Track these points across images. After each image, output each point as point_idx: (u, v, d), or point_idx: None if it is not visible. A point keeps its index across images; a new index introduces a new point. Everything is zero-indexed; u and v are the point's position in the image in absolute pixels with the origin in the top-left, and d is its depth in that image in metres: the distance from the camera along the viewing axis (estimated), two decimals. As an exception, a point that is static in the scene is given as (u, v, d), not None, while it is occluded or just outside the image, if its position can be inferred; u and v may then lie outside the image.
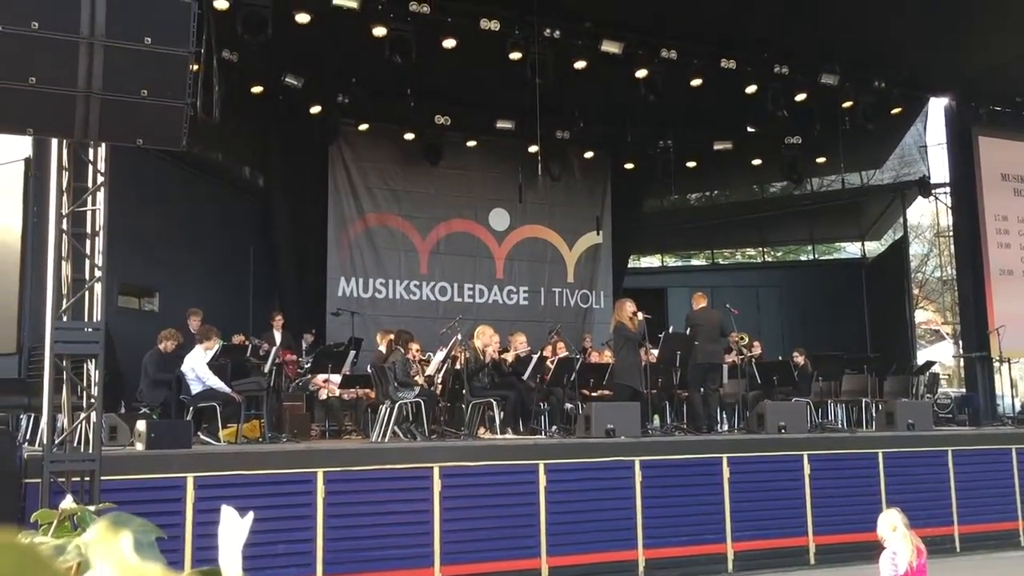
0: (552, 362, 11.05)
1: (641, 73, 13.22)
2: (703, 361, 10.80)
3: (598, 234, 17.50)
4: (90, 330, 6.65)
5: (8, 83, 5.82)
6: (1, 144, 10.65)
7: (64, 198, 6.69)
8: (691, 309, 11.39)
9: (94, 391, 6.65)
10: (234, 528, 0.93)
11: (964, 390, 16.70)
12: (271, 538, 7.11)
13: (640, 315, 10.47)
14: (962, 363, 17.82)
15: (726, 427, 11.87)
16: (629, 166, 17.49)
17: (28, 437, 9.19)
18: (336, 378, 11.24)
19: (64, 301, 6.62)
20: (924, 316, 30.08)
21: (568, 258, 17.30)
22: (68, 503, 1.42)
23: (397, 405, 9.39)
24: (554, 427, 10.75)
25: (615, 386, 10.67)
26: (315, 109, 14.49)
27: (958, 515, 10.13)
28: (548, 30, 12.47)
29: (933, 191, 18.07)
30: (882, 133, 15.84)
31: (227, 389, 9.27)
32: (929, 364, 15.08)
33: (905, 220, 19.32)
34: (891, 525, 5.30)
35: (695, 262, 22.81)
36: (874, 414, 11.99)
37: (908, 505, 5.65)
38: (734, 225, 20.75)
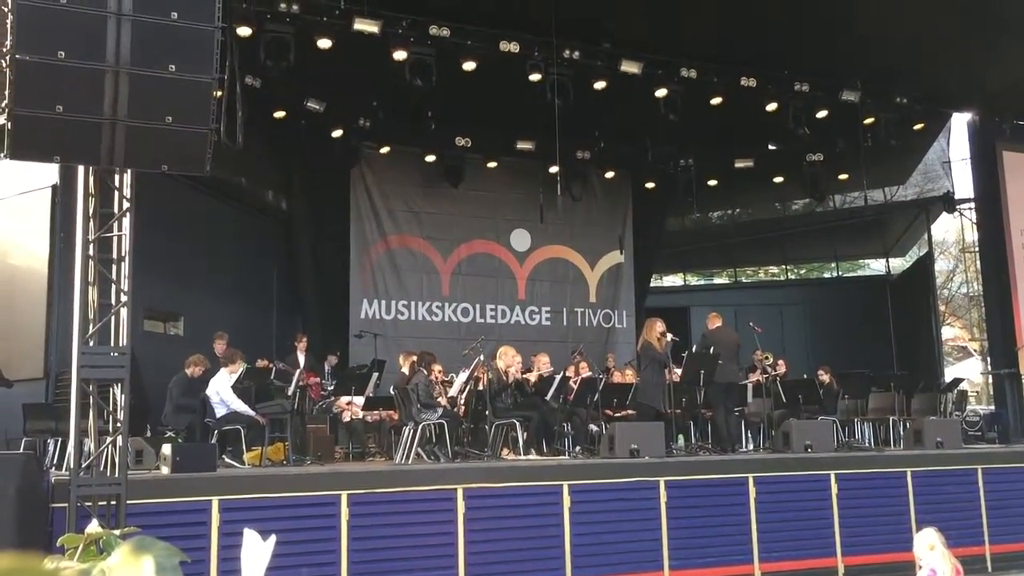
0: (575, 382, 11.02)
1: (661, 92, 13.23)
2: (720, 380, 10.74)
3: (620, 254, 17.48)
4: (116, 355, 6.70)
5: (35, 111, 5.91)
6: (28, 171, 10.82)
7: (90, 224, 6.77)
8: (706, 328, 11.35)
9: (120, 415, 6.69)
10: (257, 551, 0.93)
11: (993, 407, 16.49)
12: (296, 561, 7.11)
13: (669, 336, 10.45)
14: (990, 380, 17.60)
15: (751, 446, 11.77)
16: (650, 185, 17.47)
17: (55, 461, 9.28)
18: (359, 400, 11.26)
19: (90, 326, 6.69)
20: (951, 333, 29.77)
21: (590, 278, 17.28)
22: (94, 527, 1.43)
23: (420, 427, 9.39)
24: (578, 447, 10.70)
25: (638, 406, 10.63)
26: (337, 133, 14.61)
27: (989, 534, 9.97)
28: (567, 51, 12.53)
29: (958, 207, 17.92)
30: (905, 149, 15.75)
31: (251, 412, 9.31)
32: (957, 381, 14.92)
33: (930, 236, 19.18)
34: (929, 544, 5.24)
35: (718, 280, 22.73)
36: (902, 432, 11.85)
37: (938, 524, 5.56)
38: (757, 243, 20.66)
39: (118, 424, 6.69)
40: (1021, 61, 13.70)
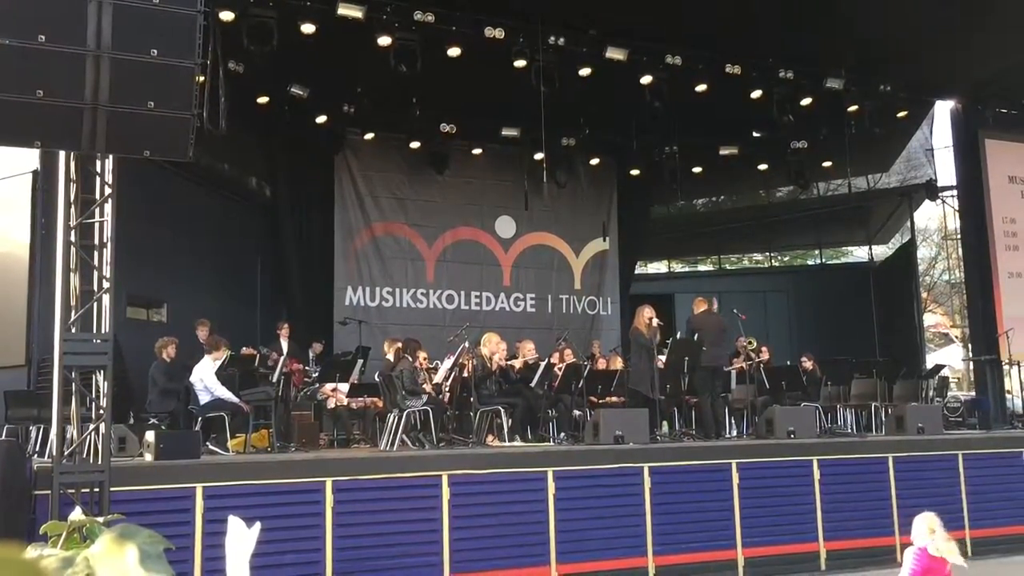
0: (560, 369, 11.04)
1: (646, 79, 13.22)
2: (707, 365, 10.79)
3: (605, 241, 17.51)
4: (98, 341, 6.67)
5: (15, 96, 5.85)
6: (9, 157, 10.72)
7: (72, 210, 6.71)
8: (692, 313, 11.40)
9: (103, 402, 6.66)
10: (241, 538, 0.93)
11: (974, 393, 16.63)
12: (280, 548, 7.11)
13: (655, 321, 10.49)
14: (971, 366, 17.75)
15: (735, 433, 11.83)
16: (635, 172, 17.48)
17: (38, 449, 9.23)
18: (344, 387, 11.24)
19: (72, 313, 6.64)
20: (933, 319, 29.97)
21: (575, 265, 17.30)
22: (77, 515, 1.43)
23: (405, 413, 9.39)
24: (562, 434, 10.73)
25: (628, 392, 10.66)
26: (321, 119, 14.54)
27: (969, 519, 10.06)
28: (553, 37, 12.49)
29: (940, 194, 18.03)
30: (888, 137, 15.82)
31: (235, 399, 9.28)
32: (938, 368, 15.03)
33: (912, 223, 19.29)
34: (929, 528, 5.30)
35: (702, 268, 22.79)
36: (884, 418, 11.94)
37: (919, 510, 5.60)
38: (741, 230, 20.72)
39: (101, 411, 6.66)
40: (1004, 49, 13.77)
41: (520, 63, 12.51)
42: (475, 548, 7.97)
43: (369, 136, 15.56)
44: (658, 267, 22.37)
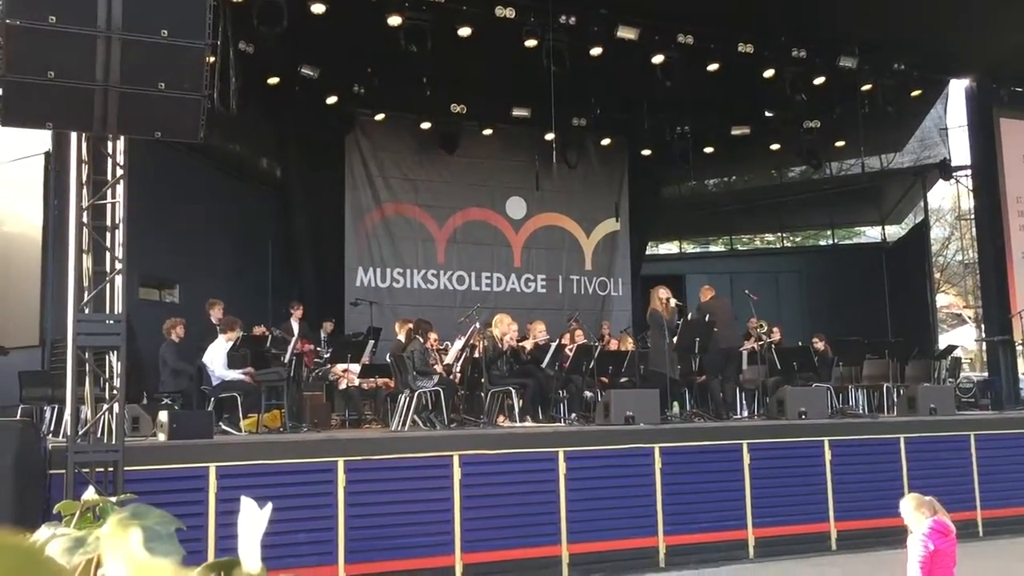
0: (571, 350, 11.05)
1: (658, 59, 13.14)
2: (722, 347, 10.81)
3: (616, 221, 17.46)
4: (111, 322, 6.69)
5: (27, 77, 5.85)
6: (21, 138, 10.75)
7: (84, 191, 6.73)
8: (700, 301, 11.45)
9: (116, 382, 6.70)
10: (253, 518, 0.93)
11: (986, 374, 16.56)
12: (292, 527, 7.16)
13: (673, 301, 10.53)
14: (984, 347, 17.68)
15: (746, 413, 11.84)
16: (646, 152, 17.42)
17: (52, 428, 9.30)
18: (356, 368, 11.29)
19: (85, 294, 6.67)
20: (945, 300, 29.85)
21: (586, 245, 17.27)
22: (90, 494, 1.44)
23: (416, 394, 9.42)
24: (573, 415, 10.75)
25: (649, 373, 10.68)
26: (331, 99, 14.52)
27: (981, 499, 10.06)
28: (563, 17, 12.41)
29: (954, 174, 17.89)
30: (902, 116, 15.68)
31: (241, 376, 9.31)
32: (951, 348, 14.97)
33: (926, 203, 19.17)
34: (915, 504, 5.30)
35: (713, 248, 22.73)
36: (896, 399, 11.91)
37: (931, 490, 5.59)
38: (753, 210, 20.63)
39: (114, 391, 6.70)
40: (1019, 26, 13.61)
41: (531, 43, 12.44)
42: (486, 528, 8.01)
43: (379, 116, 15.52)
44: (669, 248, 22.31)
